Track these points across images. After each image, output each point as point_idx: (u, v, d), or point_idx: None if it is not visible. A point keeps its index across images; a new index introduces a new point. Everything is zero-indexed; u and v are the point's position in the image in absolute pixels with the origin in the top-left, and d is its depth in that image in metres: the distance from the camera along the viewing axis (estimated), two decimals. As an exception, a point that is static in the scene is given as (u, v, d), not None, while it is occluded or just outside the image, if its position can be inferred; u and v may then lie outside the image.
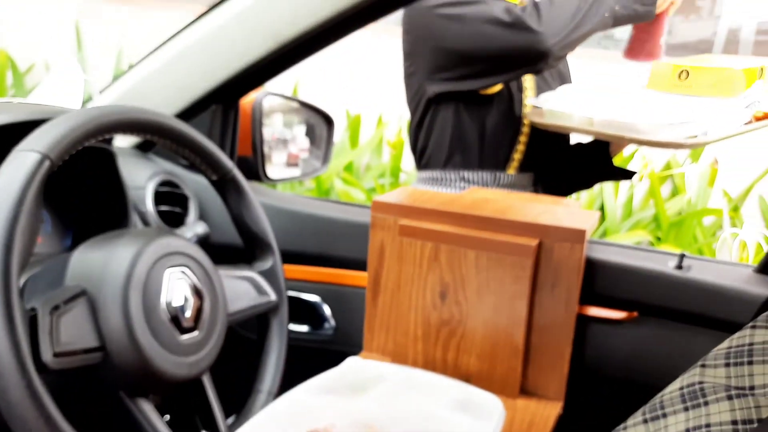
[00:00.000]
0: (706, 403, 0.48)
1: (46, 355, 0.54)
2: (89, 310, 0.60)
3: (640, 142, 1.03)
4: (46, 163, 0.56)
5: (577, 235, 0.74)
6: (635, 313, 0.83)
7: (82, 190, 0.83)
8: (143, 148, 1.01)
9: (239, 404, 0.77)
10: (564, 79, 1.34)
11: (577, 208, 0.88)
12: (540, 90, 1.26)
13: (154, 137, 0.69)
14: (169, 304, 0.64)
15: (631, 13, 1.16)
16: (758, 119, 1.02)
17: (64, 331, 0.57)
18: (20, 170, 0.55)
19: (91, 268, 0.62)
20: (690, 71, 1.08)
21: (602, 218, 2.87)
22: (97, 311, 0.60)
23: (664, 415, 0.51)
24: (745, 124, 1.01)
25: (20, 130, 0.65)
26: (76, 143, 0.59)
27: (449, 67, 1.19)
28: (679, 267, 0.81)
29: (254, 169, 1.07)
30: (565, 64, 1.33)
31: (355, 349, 0.96)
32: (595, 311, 0.83)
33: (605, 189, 2.97)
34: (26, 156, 0.56)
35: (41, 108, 0.79)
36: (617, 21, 1.16)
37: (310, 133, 1.22)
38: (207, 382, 0.71)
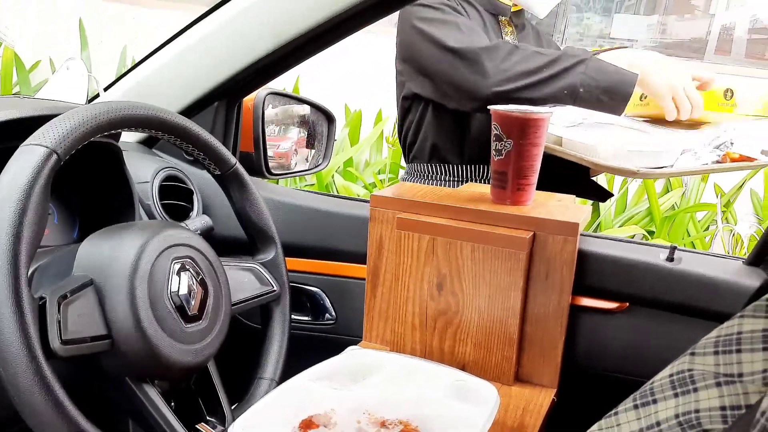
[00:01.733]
0: (695, 390, 0.50)
1: (55, 343, 0.56)
2: (96, 300, 0.62)
3: (597, 166, 1.00)
4: (54, 158, 0.58)
5: (571, 228, 0.77)
6: (626, 304, 0.85)
7: (88, 184, 0.85)
8: (148, 144, 1.04)
9: (243, 391, 0.79)
10: None
11: (570, 202, 0.90)
12: None
13: (159, 133, 0.71)
14: (174, 294, 0.66)
15: (594, 101, 1.05)
16: (733, 160, 0.99)
17: (71, 320, 0.59)
18: (28, 164, 0.57)
19: (98, 258, 0.64)
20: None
21: (596, 213, 2.89)
22: (104, 300, 0.62)
23: (654, 401, 0.53)
24: (714, 162, 0.99)
25: (28, 125, 0.67)
26: (83, 138, 0.61)
27: (418, 76, 1.21)
28: (671, 259, 0.83)
29: (256, 164, 1.09)
30: None
31: (354, 338, 0.98)
32: (587, 302, 0.86)
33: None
34: (34, 150, 0.58)
35: (48, 104, 0.81)
36: (578, 101, 1.07)
37: (312, 129, 1.24)
38: (212, 369, 0.73)
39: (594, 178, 1.25)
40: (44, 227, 0.59)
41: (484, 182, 1.25)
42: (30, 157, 0.57)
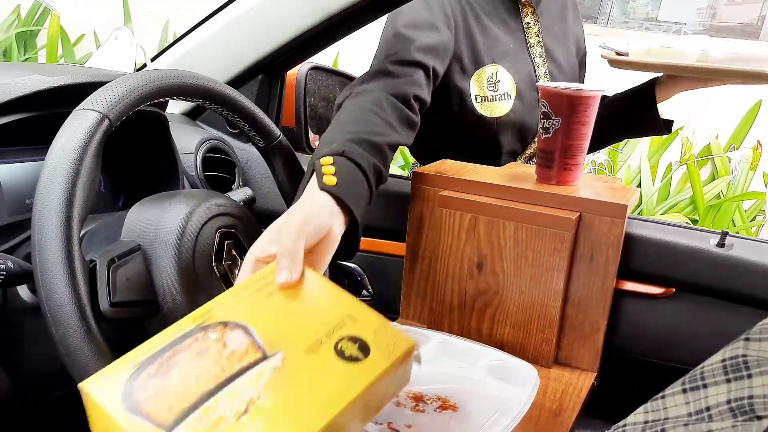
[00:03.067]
0: (749, 376, 0.48)
1: (104, 305, 0.57)
2: (144, 265, 0.63)
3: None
4: (106, 123, 0.59)
5: (618, 210, 0.75)
6: (672, 290, 0.83)
7: (134, 154, 0.86)
8: (193, 116, 1.05)
9: None
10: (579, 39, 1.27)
11: (618, 183, 0.88)
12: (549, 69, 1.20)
13: (207, 102, 0.71)
14: (219, 263, 0.66)
15: None
16: None
17: (120, 283, 0.60)
18: (81, 128, 0.57)
19: (145, 225, 0.65)
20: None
21: (638, 201, 2.83)
22: (151, 266, 0.63)
23: (705, 386, 0.52)
24: None
25: (79, 91, 0.68)
26: (135, 104, 0.61)
27: None
28: (721, 245, 0.80)
29: (297, 139, 1.09)
30: (580, 20, 1.26)
31: (391, 316, 0.98)
32: (632, 286, 0.84)
33: (643, 170, 2.92)
34: (87, 115, 0.58)
35: (100, 71, 0.82)
36: None
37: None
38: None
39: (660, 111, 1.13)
40: (95, 191, 0.60)
41: None
42: (83, 121, 0.58)
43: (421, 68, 0.89)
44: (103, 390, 0.43)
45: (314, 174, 0.69)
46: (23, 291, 0.72)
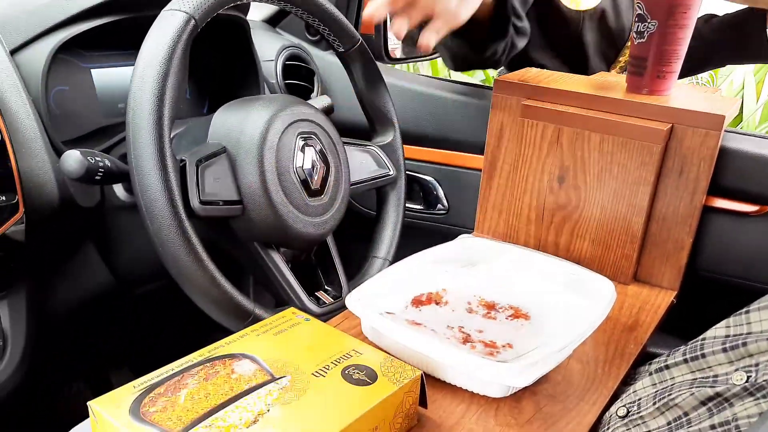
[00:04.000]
0: None
1: (194, 202, 0.61)
2: (229, 167, 0.65)
3: None
4: (192, 23, 0.60)
5: (715, 121, 0.70)
6: (766, 208, 0.78)
7: (218, 59, 0.88)
8: (272, 23, 1.04)
9: (357, 269, 0.83)
10: None
11: (716, 93, 0.82)
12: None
13: (288, 5, 0.70)
14: (299, 168, 0.68)
15: None
16: None
17: (208, 183, 0.62)
18: (169, 29, 0.59)
19: (230, 128, 0.67)
20: None
21: (739, 118, 2.63)
22: (236, 168, 0.65)
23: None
24: None
25: None
26: (219, 5, 0.62)
27: None
28: (827, 163, 0.74)
29: (375, 48, 1.07)
30: None
31: (467, 229, 0.99)
32: (722, 203, 0.80)
33: (747, 85, 2.69)
34: (174, 16, 0.59)
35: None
36: None
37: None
38: (330, 243, 0.76)
39: None
40: (185, 91, 0.62)
41: None
42: (171, 22, 0.59)
43: None
44: (112, 406, 0.43)
45: None
46: (119, 190, 0.76)
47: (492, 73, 2.92)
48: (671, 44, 0.73)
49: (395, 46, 1.13)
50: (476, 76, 2.96)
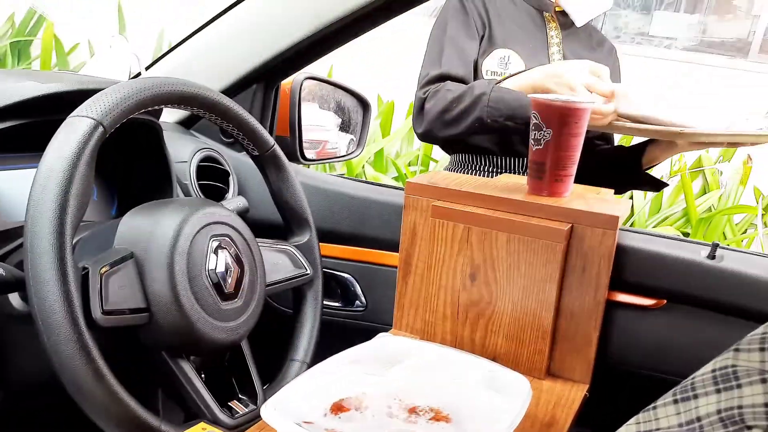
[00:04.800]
0: (739, 386, 0.49)
1: (96, 313, 0.57)
2: (136, 273, 0.63)
3: (689, 136, 0.99)
4: (100, 130, 0.59)
5: (610, 222, 0.75)
6: (664, 301, 0.83)
7: (128, 162, 0.86)
8: (186, 125, 1.05)
9: (274, 372, 0.80)
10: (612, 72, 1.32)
11: (609, 195, 0.88)
12: None
13: (201, 111, 0.71)
14: (211, 271, 0.66)
15: (502, 128, 1.11)
16: None
17: (112, 291, 0.60)
18: (75, 135, 0.57)
19: (138, 232, 0.65)
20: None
21: (630, 212, 2.85)
22: (144, 274, 0.63)
23: (696, 396, 0.52)
24: None
25: (73, 98, 0.68)
26: (129, 112, 0.62)
27: None
28: (712, 257, 0.81)
29: (291, 149, 1.09)
30: (615, 59, 1.32)
31: (385, 326, 0.98)
32: (624, 297, 0.84)
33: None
34: (81, 122, 0.59)
35: (93, 78, 0.82)
36: (489, 131, 1.14)
37: (346, 116, 1.24)
38: (245, 348, 0.74)
39: (648, 170, 1.24)
40: (89, 199, 0.60)
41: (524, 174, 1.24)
42: (77, 128, 0.58)
43: None
44: None
45: None
46: (14, 299, 0.71)
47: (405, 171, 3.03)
48: (566, 150, 0.79)
49: (309, 147, 1.16)
50: (389, 174, 3.06)
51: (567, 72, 1.05)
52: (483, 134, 1.17)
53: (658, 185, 1.27)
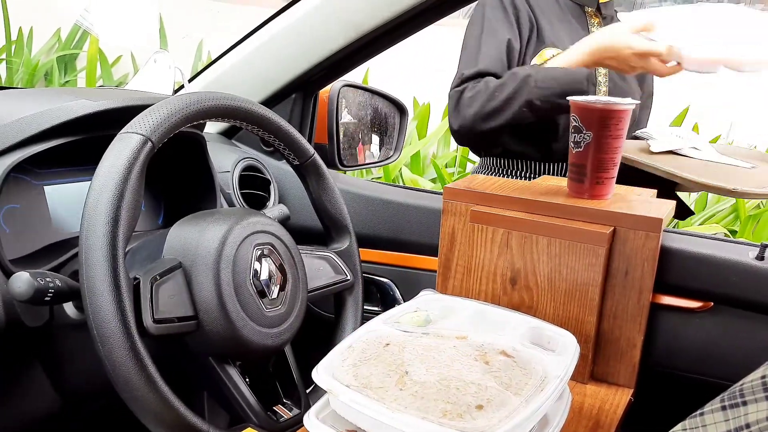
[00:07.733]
0: None
1: (147, 321, 0.60)
2: (185, 282, 0.65)
3: (691, 182, 1.00)
4: (149, 145, 0.61)
5: (653, 224, 0.74)
6: (711, 304, 0.82)
7: (173, 173, 0.89)
8: (228, 135, 1.07)
9: None
10: (643, 80, 1.30)
11: (651, 196, 0.87)
12: (614, 84, 1.24)
13: (243, 123, 0.73)
14: (256, 279, 0.68)
15: (555, 108, 1.08)
16: None
17: (162, 300, 0.62)
18: (125, 151, 0.60)
19: (186, 243, 0.67)
20: None
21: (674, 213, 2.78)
22: (192, 283, 0.65)
23: (744, 403, 0.51)
24: None
25: (121, 115, 0.70)
26: (176, 127, 0.64)
27: None
28: (761, 258, 0.79)
29: (329, 156, 1.11)
30: None
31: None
32: (668, 300, 0.83)
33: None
34: (131, 138, 0.61)
35: (140, 94, 0.85)
36: (540, 113, 1.10)
37: (384, 122, 1.25)
38: (289, 353, 0.75)
39: (679, 194, 1.21)
40: (139, 211, 0.62)
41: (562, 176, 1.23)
42: (127, 144, 0.60)
43: None
44: None
45: None
46: (69, 308, 0.74)
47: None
48: (607, 152, 0.78)
49: (347, 153, 1.17)
50: (426, 175, 3.06)
51: (615, 44, 1.03)
52: (529, 120, 1.12)
53: (683, 213, 1.21)
